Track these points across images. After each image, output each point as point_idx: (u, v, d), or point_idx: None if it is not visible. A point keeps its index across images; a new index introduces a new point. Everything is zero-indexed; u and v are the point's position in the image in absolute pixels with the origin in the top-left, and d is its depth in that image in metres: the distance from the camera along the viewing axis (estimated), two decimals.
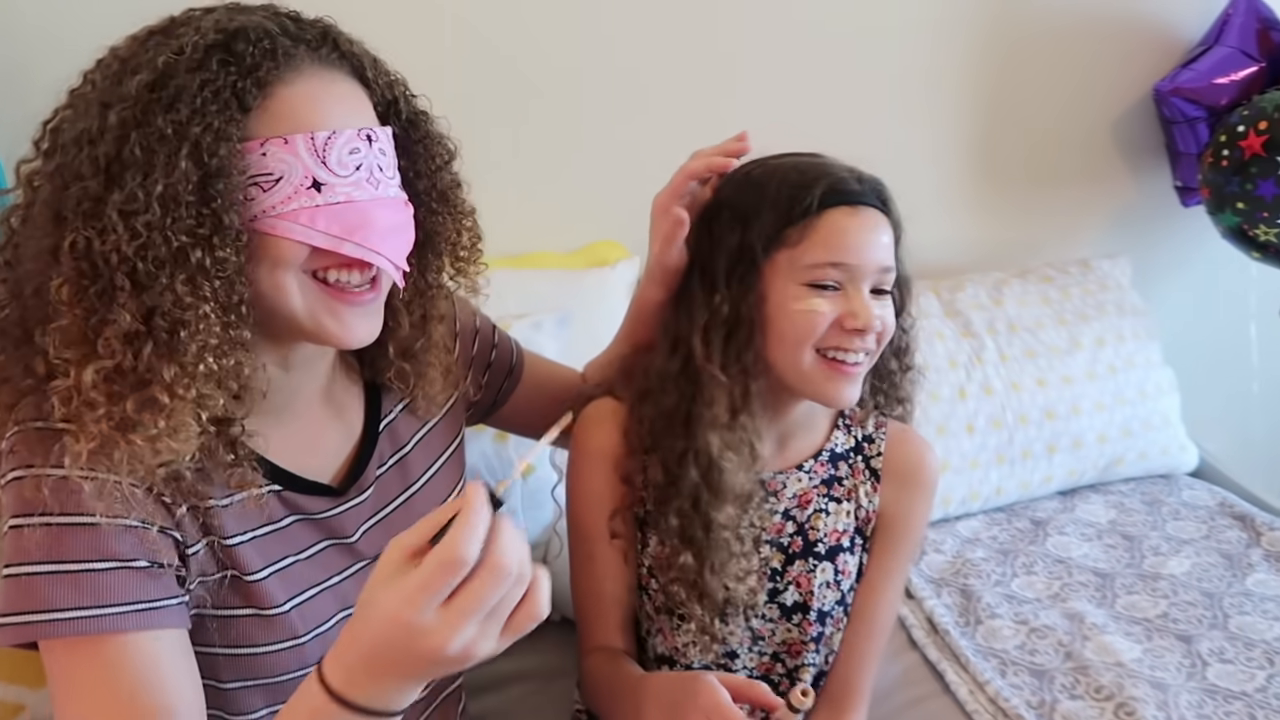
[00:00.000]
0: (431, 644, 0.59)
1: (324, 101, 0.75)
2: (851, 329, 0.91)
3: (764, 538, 1.01)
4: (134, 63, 0.72)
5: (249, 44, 0.72)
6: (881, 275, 0.93)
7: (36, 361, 0.72)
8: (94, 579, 0.71)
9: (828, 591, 1.01)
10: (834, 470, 1.04)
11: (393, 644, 0.61)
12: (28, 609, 0.70)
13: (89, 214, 0.69)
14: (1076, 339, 1.76)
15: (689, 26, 1.72)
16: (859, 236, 0.92)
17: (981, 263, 1.94)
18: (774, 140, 1.02)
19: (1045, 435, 1.69)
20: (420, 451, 0.96)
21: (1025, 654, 1.36)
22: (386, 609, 0.60)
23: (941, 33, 1.85)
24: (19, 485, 0.71)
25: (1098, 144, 2.00)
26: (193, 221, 0.69)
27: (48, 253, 0.70)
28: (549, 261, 1.73)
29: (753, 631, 1.02)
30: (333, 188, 0.74)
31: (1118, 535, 1.64)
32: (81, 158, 0.70)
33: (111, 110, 0.70)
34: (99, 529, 0.70)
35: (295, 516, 0.85)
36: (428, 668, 0.62)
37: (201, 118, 0.69)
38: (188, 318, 0.70)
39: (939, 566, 1.56)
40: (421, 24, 1.60)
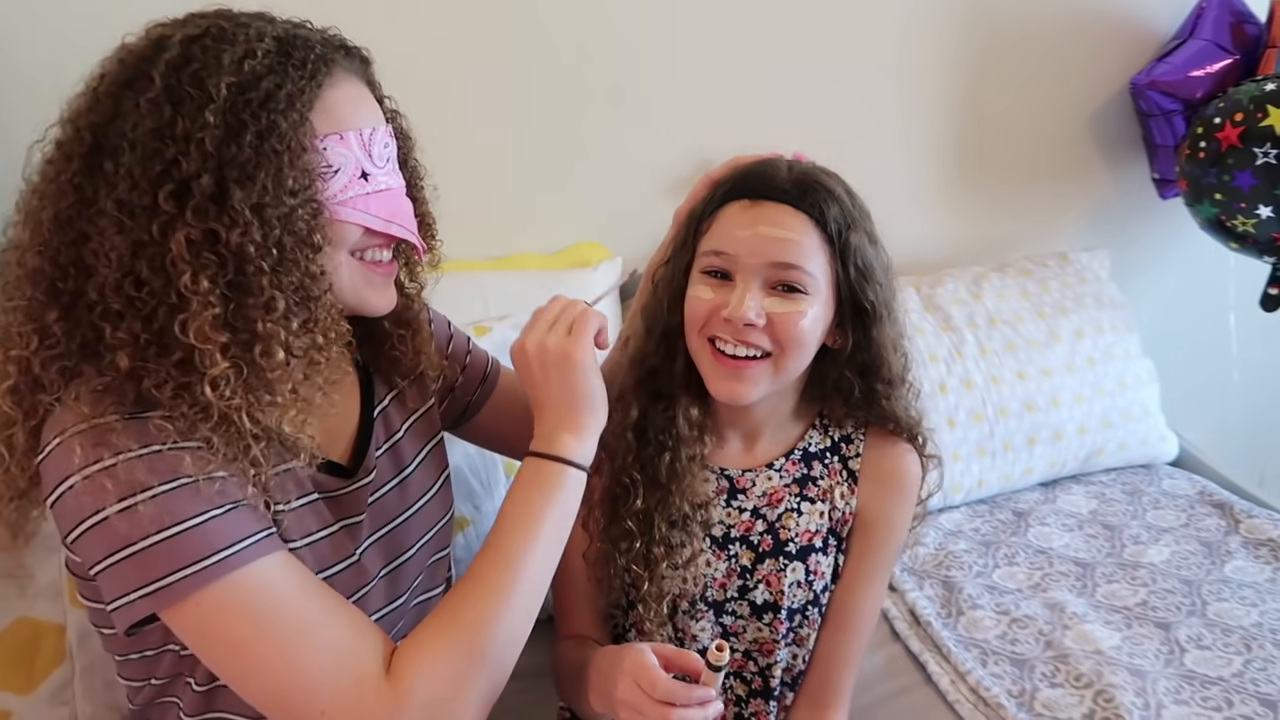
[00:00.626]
0: (517, 348, 0.90)
1: (360, 102, 0.84)
2: (724, 318, 0.92)
3: (732, 535, 1.02)
4: (196, 66, 0.75)
5: (303, 50, 0.79)
6: (775, 270, 0.92)
7: (119, 357, 0.74)
8: (211, 526, 0.74)
9: (798, 591, 1.02)
10: (807, 470, 1.04)
11: (520, 379, 0.91)
12: (161, 574, 0.72)
13: (202, 209, 0.73)
14: (1055, 332, 1.77)
15: (671, 30, 1.73)
16: (748, 229, 0.92)
17: (960, 257, 1.96)
18: (756, 138, 1.03)
19: (1025, 427, 1.71)
20: (409, 439, 1.01)
21: (1006, 644, 1.38)
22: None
23: (917, 29, 1.86)
24: (112, 471, 0.72)
25: (1074, 138, 2.02)
26: (307, 210, 0.78)
27: (124, 249, 0.73)
28: (531, 263, 1.74)
29: (724, 628, 1.02)
30: (375, 177, 0.83)
31: (1098, 525, 1.66)
32: (169, 156, 0.73)
33: (204, 111, 0.73)
34: (198, 485, 0.74)
35: (319, 493, 0.89)
36: (539, 381, 0.89)
37: (288, 116, 0.76)
38: (315, 291, 0.79)
39: (921, 559, 1.58)
40: (409, 29, 1.60)
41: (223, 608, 0.74)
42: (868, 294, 0.95)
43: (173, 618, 0.75)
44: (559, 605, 1.07)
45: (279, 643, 0.75)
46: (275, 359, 0.76)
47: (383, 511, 0.95)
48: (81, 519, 0.73)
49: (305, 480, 0.87)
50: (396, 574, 0.96)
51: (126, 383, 0.75)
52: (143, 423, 0.74)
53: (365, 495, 0.93)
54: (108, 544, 0.73)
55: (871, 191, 1.00)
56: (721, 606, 1.02)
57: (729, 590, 1.01)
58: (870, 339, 0.98)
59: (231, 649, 0.75)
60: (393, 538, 0.96)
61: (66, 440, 0.74)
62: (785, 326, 0.92)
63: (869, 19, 1.82)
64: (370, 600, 0.92)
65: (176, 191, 0.73)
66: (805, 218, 0.93)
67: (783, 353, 0.93)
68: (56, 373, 0.77)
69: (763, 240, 0.92)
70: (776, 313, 0.92)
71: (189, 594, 0.73)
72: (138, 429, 0.74)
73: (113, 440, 0.73)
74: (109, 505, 0.72)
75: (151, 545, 0.72)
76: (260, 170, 0.74)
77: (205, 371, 0.73)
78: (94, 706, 1.10)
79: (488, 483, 1.34)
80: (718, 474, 1.03)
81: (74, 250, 0.76)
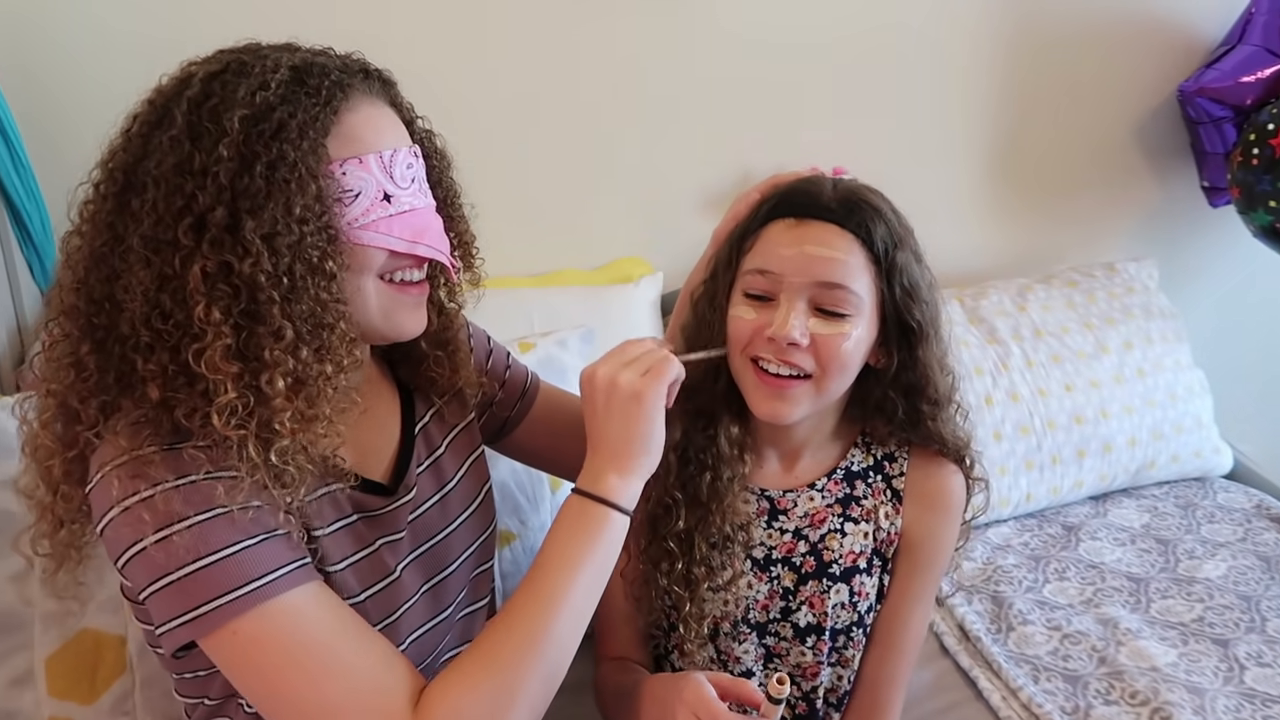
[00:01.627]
0: (588, 374, 0.87)
1: (380, 125, 0.84)
2: (767, 337, 0.91)
3: (774, 556, 1.01)
4: (215, 101, 0.77)
5: (318, 78, 0.79)
6: (821, 290, 0.91)
7: (150, 389, 0.76)
8: (245, 555, 0.75)
9: (842, 612, 1.01)
10: (850, 489, 1.03)
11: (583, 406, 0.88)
12: (199, 603, 0.74)
13: (218, 241, 0.74)
14: (1103, 343, 1.75)
15: (710, 45, 1.74)
16: (792, 248, 0.91)
17: (1005, 269, 1.94)
18: (796, 152, 1.03)
19: (1074, 440, 1.69)
20: (451, 455, 1.02)
21: (1058, 660, 1.36)
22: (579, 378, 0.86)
23: (962, 38, 1.85)
24: (150, 503, 0.74)
25: (1120, 146, 2.00)
26: (320, 237, 0.77)
27: (149, 283, 0.75)
28: (573, 279, 1.76)
29: (766, 649, 1.02)
30: (398, 199, 0.83)
31: (1151, 539, 1.63)
32: (188, 191, 0.75)
33: (219, 145, 0.75)
34: (232, 515, 0.76)
35: (360, 514, 0.90)
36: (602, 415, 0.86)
37: (301, 144, 0.77)
38: (329, 319, 0.78)
39: (969, 573, 1.56)
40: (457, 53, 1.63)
41: (257, 637, 0.75)
42: (914, 313, 0.94)
43: (210, 646, 0.76)
44: (599, 626, 1.07)
45: (309, 675, 0.76)
46: (277, 387, 0.76)
47: (424, 528, 0.96)
48: (124, 549, 0.76)
49: (344, 502, 0.88)
50: (439, 589, 0.97)
51: (161, 414, 0.77)
52: (178, 453, 0.76)
53: (405, 513, 0.94)
54: (149, 572, 0.75)
55: (912, 202, 1.00)
56: (764, 628, 1.01)
57: (771, 612, 1.01)
58: (916, 358, 0.96)
59: (264, 679, 0.77)
60: (434, 553, 0.97)
61: (107, 474, 0.76)
62: (829, 348, 0.91)
63: (908, 29, 1.81)
64: (412, 616, 0.93)
65: (195, 225, 0.74)
66: (851, 237, 0.91)
67: (825, 374, 0.92)
68: (96, 408, 0.79)
69: (808, 259, 0.91)
70: (821, 334, 0.91)
71: (225, 622, 0.74)
72: (174, 460, 0.76)
73: (149, 472, 0.75)
74: (147, 536, 0.74)
75: (188, 574, 0.74)
76: (270, 200, 0.75)
77: (214, 400, 0.74)
78: (154, 718, 1.12)
79: (534, 498, 1.35)
80: (758, 495, 1.02)
81: (106, 286, 0.78)
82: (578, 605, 0.82)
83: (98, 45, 1.51)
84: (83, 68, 1.49)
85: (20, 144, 1.45)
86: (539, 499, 1.36)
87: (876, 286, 0.93)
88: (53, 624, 1.09)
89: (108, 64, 1.49)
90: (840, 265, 0.90)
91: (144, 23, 1.52)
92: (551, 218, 1.78)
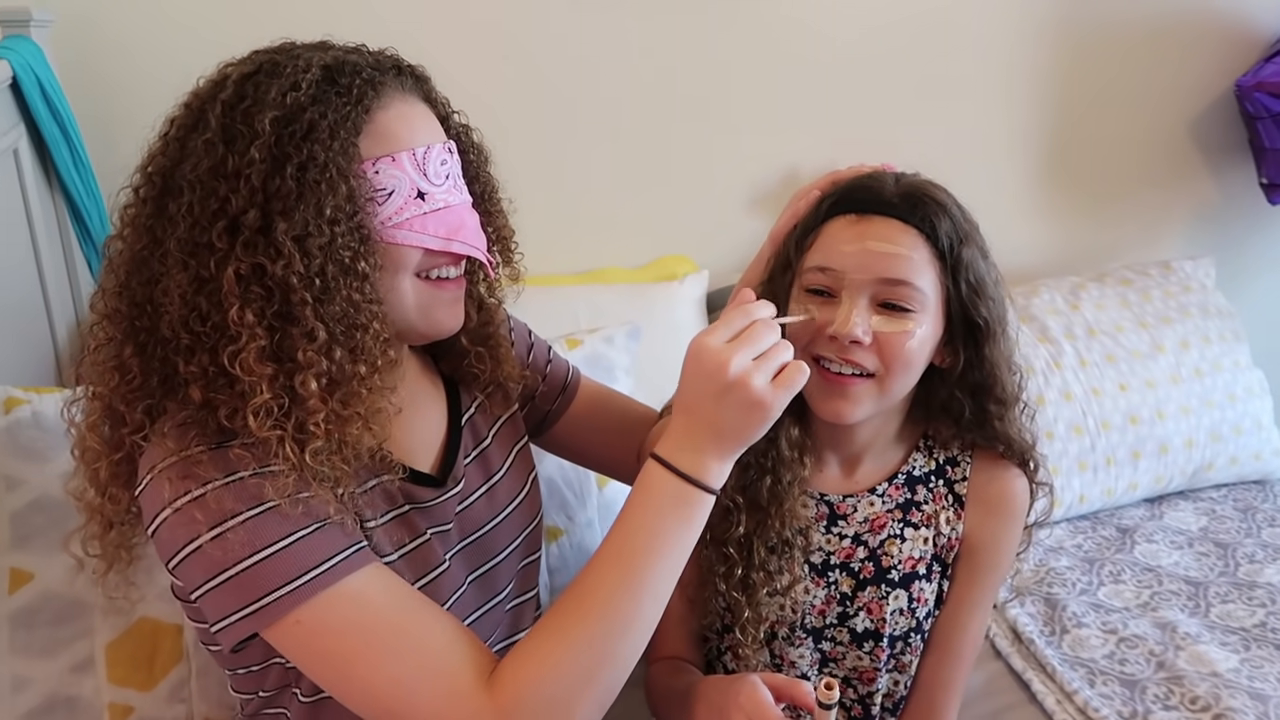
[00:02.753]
0: (719, 360, 0.76)
1: (413, 122, 0.83)
2: (829, 336, 0.88)
3: (832, 561, 0.99)
4: (248, 103, 0.77)
5: (349, 76, 0.79)
6: (884, 287, 0.88)
7: (192, 391, 0.76)
8: (300, 546, 0.76)
9: (900, 619, 0.99)
10: (911, 494, 1.01)
11: (689, 377, 0.78)
12: (258, 596, 0.75)
13: (251, 243, 0.74)
14: (1159, 342, 1.71)
15: (755, 40, 1.74)
16: (855, 244, 0.88)
17: (1056, 267, 1.91)
18: (842, 148, 1.02)
19: (1129, 441, 1.65)
20: (497, 445, 1.02)
21: (1115, 663, 1.33)
22: (696, 344, 0.78)
23: (1013, 33, 1.83)
24: (201, 502, 0.75)
25: (1176, 142, 1.96)
26: (352, 238, 0.77)
27: (187, 286, 0.75)
28: (619, 276, 1.76)
29: (823, 654, 1.00)
30: (433, 196, 0.82)
31: (1210, 543, 1.59)
32: (222, 194, 0.75)
33: (251, 147, 0.75)
34: (283, 508, 0.76)
35: (411, 505, 0.90)
36: (717, 402, 0.76)
37: (331, 144, 0.76)
38: (362, 320, 0.78)
39: (1022, 575, 1.53)
40: (486, 51, 1.64)
41: (321, 624, 0.75)
42: (980, 310, 0.91)
43: (274, 636, 0.77)
44: None
45: (377, 657, 0.76)
46: (310, 388, 0.75)
47: (471, 519, 0.96)
48: (178, 549, 0.76)
49: (395, 494, 0.88)
50: (486, 580, 0.97)
51: (205, 414, 0.77)
52: (224, 452, 0.76)
53: (454, 504, 0.94)
54: (205, 570, 0.75)
55: (962, 198, 0.97)
56: (820, 633, 1.00)
57: (828, 617, 0.99)
58: (983, 357, 0.94)
59: (332, 664, 0.77)
60: (481, 544, 0.97)
61: (157, 476, 0.77)
62: (892, 346, 0.88)
63: (956, 25, 1.79)
64: (460, 607, 0.93)
65: (229, 228, 0.75)
66: (915, 232, 0.89)
67: (889, 373, 0.89)
68: (141, 411, 0.80)
69: (871, 256, 0.88)
70: (884, 332, 0.88)
71: (287, 612, 0.75)
72: (221, 459, 0.76)
73: (198, 472, 0.76)
74: (202, 534, 0.74)
75: (246, 569, 0.75)
76: (301, 202, 0.75)
77: (249, 401, 0.74)
78: (209, 706, 1.14)
79: (581, 494, 1.35)
80: (817, 499, 1.00)
81: (147, 289, 0.78)
82: (662, 589, 0.79)
83: (157, 45, 1.54)
84: (142, 67, 1.53)
85: (81, 143, 1.49)
86: (586, 495, 1.36)
87: (941, 283, 0.90)
88: (112, 612, 1.11)
89: (167, 63, 1.51)
90: (904, 261, 0.88)
91: (203, 22, 1.55)
92: (597, 215, 1.78)
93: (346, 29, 0.89)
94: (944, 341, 0.94)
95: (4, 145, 1.34)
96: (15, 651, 1.07)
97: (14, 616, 1.08)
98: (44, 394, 1.15)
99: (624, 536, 0.79)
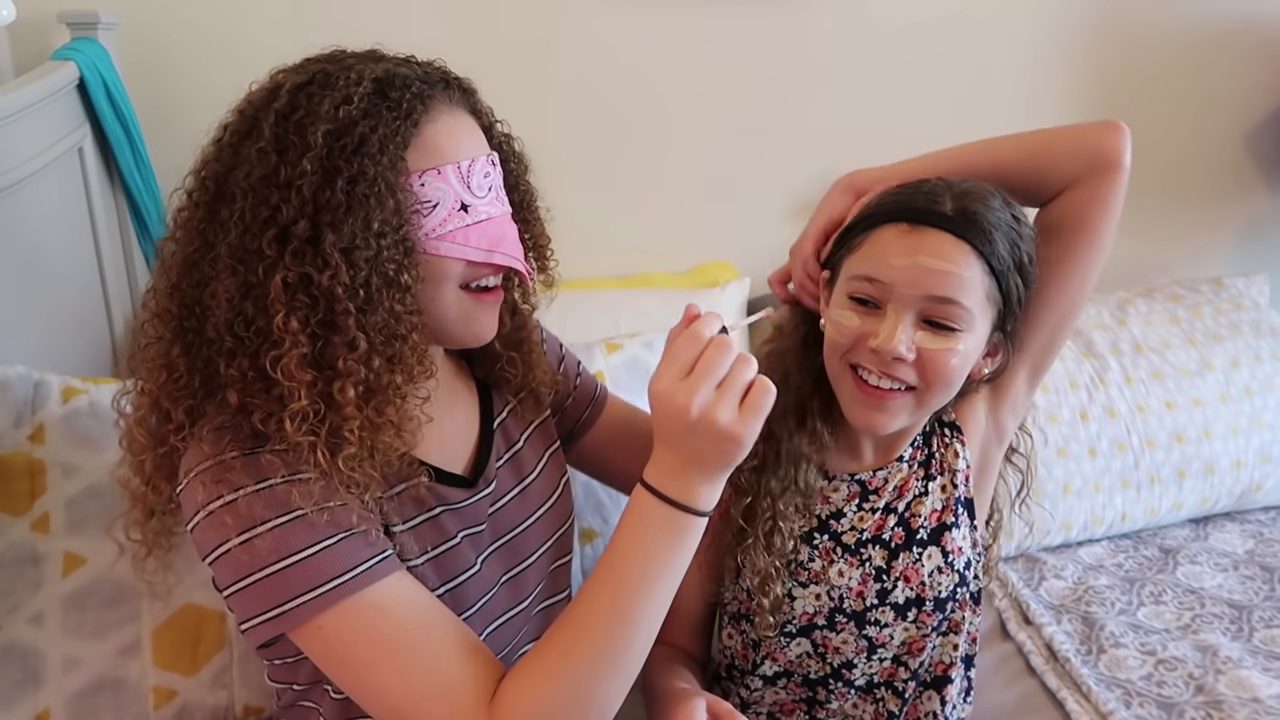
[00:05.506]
0: (677, 405, 0.75)
1: (459, 135, 0.85)
2: (871, 348, 0.87)
3: (864, 538, 1.00)
4: (300, 114, 0.78)
5: (399, 90, 0.81)
6: (931, 305, 0.86)
7: (230, 394, 0.79)
8: (324, 555, 0.78)
9: (941, 577, 0.98)
10: (929, 449, 1.02)
11: (658, 419, 0.77)
12: (282, 600, 0.78)
13: (300, 253, 0.76)
14: (1208, 360, 1.68)
15: (800, 50, 1.74)
16: (904, 257, 0.86)
17: (1104, 282, 1.84)
18: (884, 156, 1.02)
19: (1174, 460, 1.62)
20: (530, 448, 1.03)
21: (1152, 685, 1.31)
22: (652, 391, 0.77)
23: (1061, 42, 1.81)
24: (233, 507, 0.78)
25: (1230, 156, 1.92)
26: (397, 250, 0.79)
27: (235, 290, 0.77)
28: (661, 282, 1.77)
29: (869, 640, 1.00)
30: (475, 208, 0.84)
31: (1256, 566, 1.56)
32: (273, 203, 0.77)
33: (304, 158, 0.76)
34: (310, 517, 0.78)
35: (442, 507, 0.92)
36: (688, 438, 0.76)
37: (381, 158, 0.78)
38: (402, 330, 0.80)
39: (1059, 592, 1.51)
40: (536, 56, 1.67)
41: (341, 631, 0.78)
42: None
43: (298, 638, 0.80)
44: None
45: (391, 667, 0.78)
46: (348, 395, 0.77)
47: (503, 521, 0.98)
48: (210, 549, 0.79)
49: (426, 497, 0.90)
50: (517, 581, 0.99)
51: (240, 419, 0.79)
52: (256, 458, 0.79)
53: (486, 505, 0.96)
54: (233, 572, 0.79)
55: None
56: (863, 617, 0.99)
57: (868, 598, 0.99)
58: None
59: (351, 669, 0.79)
60: (512, 546, 0.98)
61: (193, 479, 0.80)
62: (935, 364, 0.87)
63: (999, 33, 1.78)
64: (491, 608, 0.95)
65: (278, 236, 0.76)
66: (969, 248, 0.86)
67: (929, 388, 0.89)
68: (184, 411, 0.82)
69: (922, 272, 0.86)
70: (928, 348, 0.87)
71: (310, 618, 0.77)
72: (253, 465, 0.79)
73: (230, 478, 0.78)
74: (231, 538, 0.77)
75: (271, 574, 0.77)
76: (350, 215, 0.76)
77: (287, 406, 0.76)
78: (250, 692, 1.17)
79: (616, 496, 1.37)
80: (848, 480, 1.02)
81: (197, 291, 0.81)
82: (658, 609, 0.81)
83: (219, 48, 1.58)
84: (203, 69, 1.57)
85: (143, 143, 1.53)
86: (620, 497, 1.37)
87: (992, 300, 0.89)
88: (150, 597, 1.14)
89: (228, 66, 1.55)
90: (955, 280, 0.86)
91: (262, 25, 1.59)
92: (639, 221, 1.80)
93: (397, 37, 0.92)
94: (986, 353, 0.94)
95: (69, 144, 1.39)
96: (67, 633, 1.11)
97: (67, 599, 1.12)
98: (100, 384, 1.19)
99: (616, 561, 0.80)
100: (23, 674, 1.09)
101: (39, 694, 1.10)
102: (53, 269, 1.36)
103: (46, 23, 1.49)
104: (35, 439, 1.13)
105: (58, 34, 1.49)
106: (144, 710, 1.13)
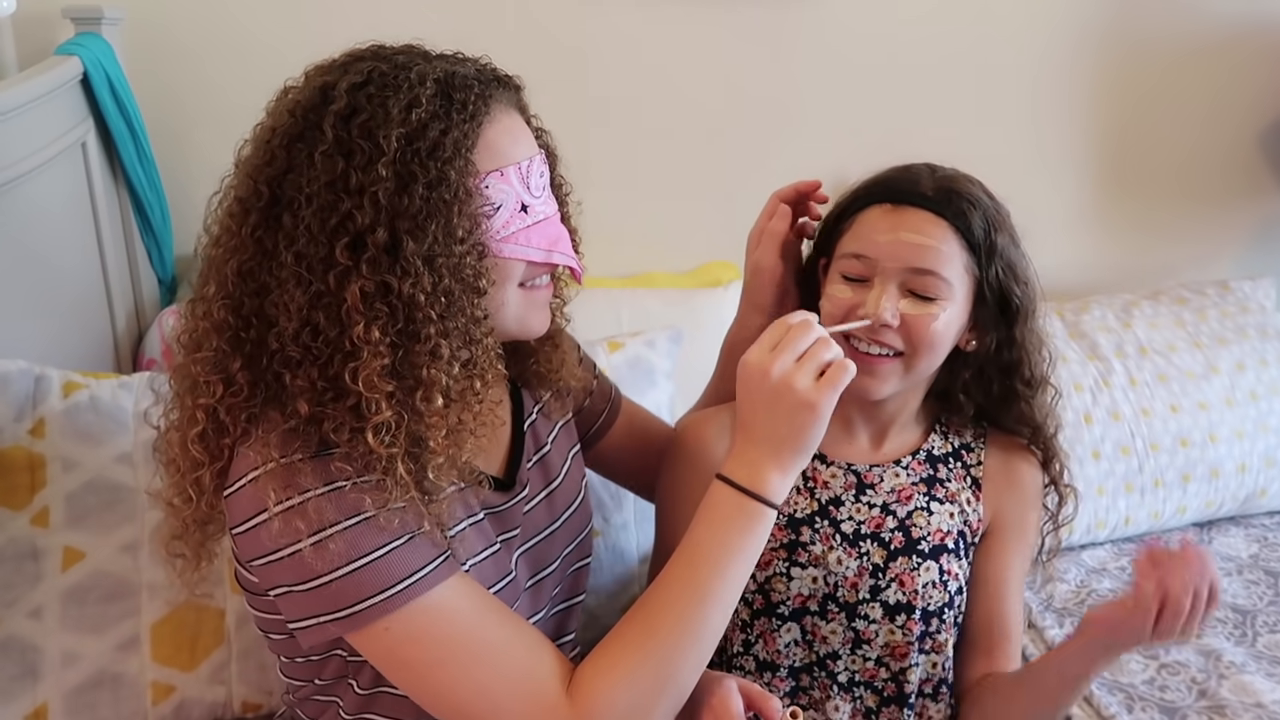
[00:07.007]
0: (761, 370, 0.81)
1: (516, 135, 0.84)
2: (859, 317, 0.94)
3: (863, 531, 1.02)
4: (364, 116, 0.76)
5: (463, 91, 0.79)
6: (913, 275, 0.94)
7: (299, 403, 0.76)
8: (392, 557, 0.77)
9: (933, 592, 1.01)
10: (934, 471, 1.05)
11: (742, 393, 0.83)
12: (351, 602, 0.77)
13: (377, 261, 0.74)
14: (1213, 364, 1.67)
15: (807, 49, 1.74)
16: (887, 234, 0.95)
17: (1108, 284, 1.88)
18: (890, 157, 1.03)
19: (1179, 463, 1.62)
20: (556, 450, 1.03)
21: (1155, 690, 1.30)
22: (740, 364, 0.83)
23: (1073, 44, 1.80)
24: (303, 510, 0.76)
25: (1240, 158, 1.92)
26: (473, 255, 0.79)
27: (304, 300, 0.75)
28: (663, 281, 1.77)
29: (856, 633, 1.02)
30: (534, 208, 0.84)
31: (1260, 571, 1.55)
32: (344, 210, 0.74)
33: (377, 164, 0.74)
34: (378, 519, 0.77)
35: (485, 510, 0.91)
36: (766, 408, 0.82)
37: (453, 162, 0.77)
38: (479, 334, 0.80)
39: (1062, 596, 1.51)
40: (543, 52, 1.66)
41: (409, 633, 0.78)
42: (1015, 291, 0.98)
43: (360, 641, 0.79)
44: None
45: (462, 666, 0.78)
46: (434, 404, 0.77)
47: (532, 524, 0.97)
48: (274, 551, 0.77)
49: (472, 501, 0.89)
50: (539, 586, 0.98)
51: (309, 426, 0.77)
52: (325, 462, 0.77)
53: (521, 508, 0.95)
54: (298, 574, 0.77)
55: (1014, 211, 1.00)
56: (854, 609, 1.01)
57: (860, 591, 1.01)
58: (1014, 337, 1.00)
59: (419, 672, 0.79)
60: (539, 549, 0.98)
61: (260, 480, 0.77)
62: (918, 328, 0.94)
63: (1009, 35, 1.77)
64: (519, 611, 0.93)
65: (352, 244, 0.74)
66: (947, 225, 0.95)
67: (915, 353, 0.95)
68: (245, 419, 0.80)
69: (903, 246, 0.94)
70: (911, 314, 0.94)
71: (376, 620, 0.77)
72: (322, 468, 0.77)
73: (299, 481, 0.76)
74: (303, 541, 0.76)
75: (341, 577, 0.76)
76: (431, 221, 0.75)
77: (369, 418, 0.75)
78: (248, 689, 1.17)
79: (617, 495, 1.36)
80: (845, 469, 1.04)
81: (256, 301, 0.78)
82: (728, 599, 0.84)
83: (223, 44, 1.58)
84: (206, 66, 1.57)
85: (146, 138, 1.53)
86: (621, 496, 1.36)
87: (970, 273, 0.96)
88: (158, 593, 1.14)
89: (232, 62, 1.56)
90: (933, 252, 0.94)
91: (266, 23, 1.59)
92: (642, 220, 1.79)
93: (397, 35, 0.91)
94: (970, 326, 0.99)
95: (73, 139, 1.39)
96: (66, 627, 1.11)
97: (66, 594, 1.12)
98: (101, 379, 1.19)
99: (692, 551, 0.84)
100: (21, 668, 1.09)
101: (37, 688, 1.10)
102: (55, 264, 1.36)
103: (51, 17, 1.49)
104: (36, 433, 1.13)
105: (62, 29, 1.49)
106: (142, 705, 1.13)
